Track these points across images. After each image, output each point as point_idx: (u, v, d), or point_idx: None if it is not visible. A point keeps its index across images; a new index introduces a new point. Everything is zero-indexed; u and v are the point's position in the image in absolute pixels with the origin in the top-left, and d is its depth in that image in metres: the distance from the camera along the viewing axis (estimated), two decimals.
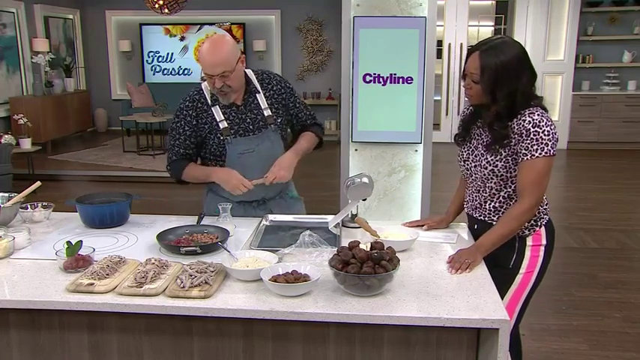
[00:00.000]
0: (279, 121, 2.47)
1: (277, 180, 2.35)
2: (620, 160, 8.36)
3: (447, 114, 9.84)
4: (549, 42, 9.03)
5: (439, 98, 9.65)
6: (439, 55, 9.24)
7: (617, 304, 3.68)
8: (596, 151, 8.85)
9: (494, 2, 10.32)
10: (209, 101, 2.41)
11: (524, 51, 1.96)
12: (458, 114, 9.82)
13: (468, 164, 2.12)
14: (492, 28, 10.23)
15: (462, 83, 2.05)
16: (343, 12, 3.72)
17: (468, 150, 2.12)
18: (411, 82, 3.69)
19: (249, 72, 2.47)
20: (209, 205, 2.51)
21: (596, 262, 4.44)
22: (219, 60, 2.23)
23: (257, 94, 2.44)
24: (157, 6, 7.25)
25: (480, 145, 2.06)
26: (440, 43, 9.35)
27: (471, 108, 2.14)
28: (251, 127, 2.42)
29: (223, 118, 2.40)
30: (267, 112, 2.43)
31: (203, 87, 2.43)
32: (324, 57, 10.23)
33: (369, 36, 3.66)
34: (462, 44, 9.60)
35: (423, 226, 2.28)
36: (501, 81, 1.91)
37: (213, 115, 2.40)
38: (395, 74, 3.70)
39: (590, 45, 9.14)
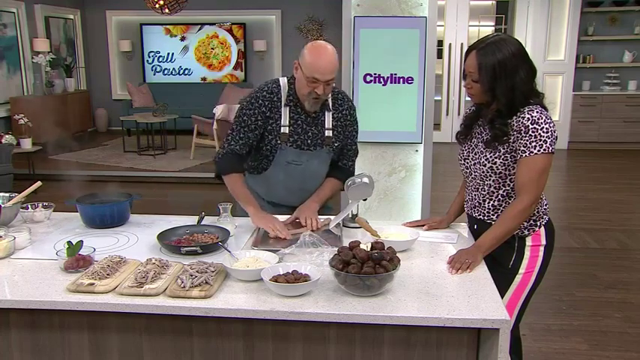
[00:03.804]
0: (336, 144, 2.42)
1: (314, 225, 2.23)
2: (620, 160, 8.36)
3: (447, 114, 9.84)
4: (550, 42, 9.03)
5: (439, 98, 9.64)
6: (439, 55, 9.24)
7: (618, 304, 3.68)
8: (597, 151, 8.86)
9: (494, 2, 10.32)
10: (284, 100, 2.34)
11: (522, 47, 1.96)
12: (458, 114, 9.82)
13: (467, 162, 2.12)
14: (493, 28, 10.22)
15: (463, 83, 2.05)
16: (344, 12, 3.72)
17: (469, 148, 2.12)
18: (411, 82, 3.70)
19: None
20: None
21: (597, 262, 4.43)
22: (333, 66, 2.20)
23: (327, 112, 2.39)
24: (157, 6, 7.26)
25: (480, 143, 2.07)
26: (440, 43, 9.35)
27: (473, 107, 2.15)
28: (309, 141, 2.37)
29: (288, 123, 2.34)
30: (328, 133, 2.39)
31: (281, 83, 2.36)
32: None
33: (369, 36, 3.66)
34: (462, 44, 9.60)
35: (423, 226, 2.28)
36: (499, 78, 1.91)
37: (281, 115, 2.33)
38: (395, 74, 3.71)
39: (590, 45, 9.14)
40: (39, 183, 2.51)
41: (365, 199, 2.27)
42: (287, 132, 2.34)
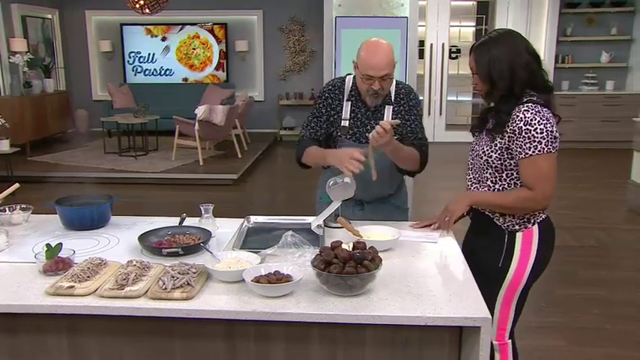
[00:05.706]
0: (395, 138, 2.36)
1: (381, 131, 2.13)
2: (598, 159, 8.49)
3: (429, 114, 9.90)
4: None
5: (421, 98, 9.68)
6: (421, 55, 9.29)
7: (596, 300, 3.74)
8: (576, 150, 8.97)
9: (475, 3, 10.41)
10: (345, 95, 2.44)
11: (519, 35, 2.01)
12: (440, 114, 9.90)
13: (472, 153, 2.17)
14: (474, 29, 10.31)
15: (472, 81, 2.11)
16: (325, 12, 3.73)
17: (476, 140, 2.17)
18: None
19: (393, 81, 2.42)
20: (322, 181, 2.54)
21: (575, 259, 4.49)
22: (386, 62, 2.24)
23: (387, 105, 2.43)
24: (137, 6, 7.20)
25: (485, 135, 2.10)
26: (422, 43, 9.41)
27: (491, 105, 2.16)
28: (367, 135, 2.35)
29: (349, 117, 2.42)
30: None
31: (346, 79, 2.46)
32: (306, 57, 10.23)
33: (350, 36, 3.67)
34: (443, 44, 9.67)
35: (431, 225, 2.29)
36: (495, 61, 1.95)
37: (342, 109, 2.43)
38: None
39: (569, 45, 9.27)
40: (17, 185, 2.47)
41: (347, 199, 2.27)
42: (347, 125, 2.42)
